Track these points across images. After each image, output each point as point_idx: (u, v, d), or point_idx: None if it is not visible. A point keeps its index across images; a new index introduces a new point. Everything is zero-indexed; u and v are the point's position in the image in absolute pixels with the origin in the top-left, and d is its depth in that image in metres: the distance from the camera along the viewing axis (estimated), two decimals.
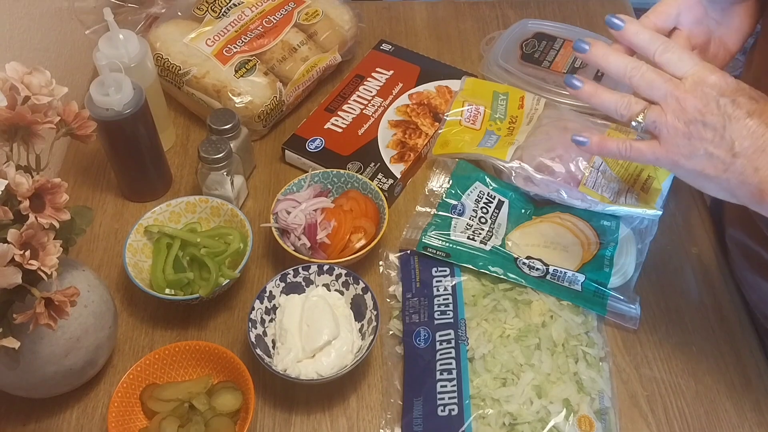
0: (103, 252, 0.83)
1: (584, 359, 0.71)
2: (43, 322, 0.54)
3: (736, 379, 0.73)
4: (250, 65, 0.91)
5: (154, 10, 1.02)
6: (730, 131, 0.54)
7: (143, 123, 0.80)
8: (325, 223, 0.79)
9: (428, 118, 0.93)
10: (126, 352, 0.75)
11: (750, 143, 0.54)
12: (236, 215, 0.79)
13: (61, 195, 0.57)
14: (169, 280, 0.75)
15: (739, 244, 0.78)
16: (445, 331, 0.73)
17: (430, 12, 1.12)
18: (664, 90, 0.57)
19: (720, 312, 0.78)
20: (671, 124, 0.56)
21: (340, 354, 0.70)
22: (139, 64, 0.82)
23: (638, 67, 0.58)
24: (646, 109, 0.57)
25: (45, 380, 0.65)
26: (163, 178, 0.88)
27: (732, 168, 0.55)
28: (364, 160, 0.88)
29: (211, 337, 0.76)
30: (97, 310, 0.67)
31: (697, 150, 0.56)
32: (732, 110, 0.55)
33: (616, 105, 0.59)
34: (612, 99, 0.59)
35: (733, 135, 0.54)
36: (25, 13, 0.86)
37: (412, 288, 0.78)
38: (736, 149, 0.54)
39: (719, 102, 0.55)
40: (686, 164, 0.57)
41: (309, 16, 0.97)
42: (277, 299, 0.74)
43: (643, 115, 0.57)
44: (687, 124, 0.56)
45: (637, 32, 0.59)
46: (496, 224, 0.82)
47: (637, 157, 0.60)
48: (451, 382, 0.69)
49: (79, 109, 0.64)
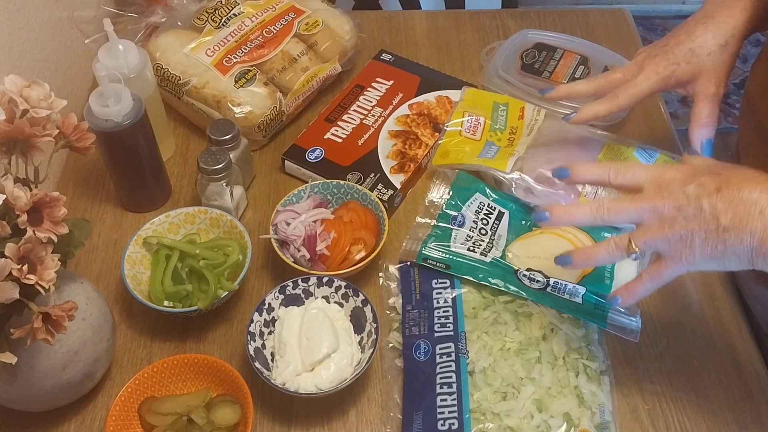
0: (102, 263, 0.83)
1: (585, 372, 0.71)
2: (40, 337, 0.54)
3: (738, 392, 0.73)
4: (250, 75, 0.91)
5: (154, 19, 1.02)
6: (709, 211, 0.55)
7: (143, 134, 0.80)
8: (324, 234, 0.79)
9: (428, 129, 0.93)
10: (124, 365, 0.75)
11: (732, 213, 0.54)
12: (235, 226, 0.79)
13: (60, 209, 0.57)
14: (167, 292, 0.74)
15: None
16: (446, 344, 0.72)
17: (430, 22, 1.12)
18: (636, 211, 0.58)
19: (721, 324, 0.77)
20: (660, 236, 0.57)
21: (339, 367, 0.69)
22: (138, 74, 0.82)
23: (600, 206, 0.60)
24: (632, 238, 0.59)
25: (43, 394, 0.65)
26: (162, 188, 0.88)
27: (729, 241, 0.55)
28: (364, 170, 0.88)
29: (209, 350, 0.76)
30: (95, 323, 0.67)
31: (693, 242, 0.56)
32: (700, 191, 0.56)
33: (607, 253, 0.61)
34: (601, 251, 0.61)
35: (713, 212, 0.55)
36: (25, 23, 0.86)
37: (412, 300, 0.77)
38: (723, 224, 0.55)
39: (686, 191, 0.56)
40: (696, 258, 0.57)
41: (309, 26, 0.97)
42: (276, 311, 0.74)
43: (634, 244, 0.58)
44: (672, 226, 0.57)
45: (585, 172, 0.63)
46: (497, 235, 0.82)
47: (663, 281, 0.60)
48: (451, 395, 0.69)
49: (78, 121, 0.64)
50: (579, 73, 0.98)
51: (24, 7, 0.86)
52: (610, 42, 1.07)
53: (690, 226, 0.56)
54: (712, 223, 0.55)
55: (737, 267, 0.57)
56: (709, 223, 0.55)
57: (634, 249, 0.58)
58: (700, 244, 0.56)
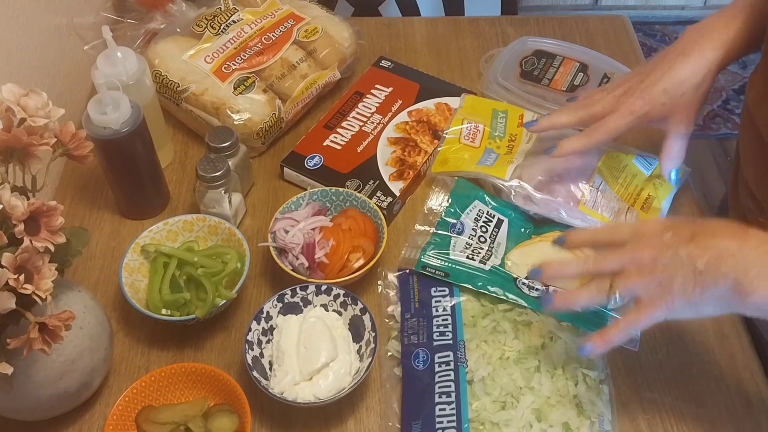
0: (100, 271, 0.82)
1: (584, 382, 0.71)
2: (37, 347, 0.54)
3: (737, 401, 0.72)
4: (249, 82, 0.91)
5: (153, 25, 1.01)
6: (686, 257, 0.58)
7: (141, 141, 0.80)
8: (323, 242, 0.79)
9: (427, 136, 0.93)
10: (122, 373, 0.74)
11: (707, 257, 0.57)
12: (234, 234, 0.79)
13: (57, 218, 0.56)
14: (165, 300, 0.74)
15: None
16: (444, 352, 0.72)
17: (429, 29, 1.11)
18: (618, 260, 0.62)
19: (720, 333, 0.77)
20: (640, 281, 0.60)
21: (338, 376, 0.69)
22: (137, 81, 0.82)
23: (586, 259, 0.66)
24: (613, 283, 0.61)
25: (39, 403, 0.64)
26: (161, 195, 0.88)
27: (705, 285, 0.57)
28: (363, 177, 0.88)
29: (207, 358, 0.75)
30: (92, 331, 0.66)
31: (672, 287, 0.59)
32: (677, 240, 0.59)
33: (589, 297, 0.63)
34: (582, 294, 0.64)
35: (689, 258, 0.58)
36: (24, 30, 0.86)
37: (411, 308, 0.77)
38: (699, 268, 0.57)
39: (663, 240, 0.60)
40: (675, 303, 0.59)
41: (308, 33, 0.97)
42: (274, 320, 0.73)
43: (615, 290, 0.61)
44: (651, 272, 0.59)
45: (576, 239, 0.68)
46: (496, 243, 0.82)
47: (640, 327, 0.62)
48: (450, 405, 0.68)
49: (76, 129, 0.64)
50: (578, 80, 0.98)
51: (23, 14, 0.86)
52: (609, 49, 1.07)
53: (668, 271, 0.59)
54: (689, 268, 0.58)
55: (715, 312, 0.60)
56: (686, 268, 0.58)
57: (614, 293, 0.61)
58: (678, 288, 0.58)
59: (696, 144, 2.14)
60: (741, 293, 0.56)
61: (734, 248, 0.57)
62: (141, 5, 1.03)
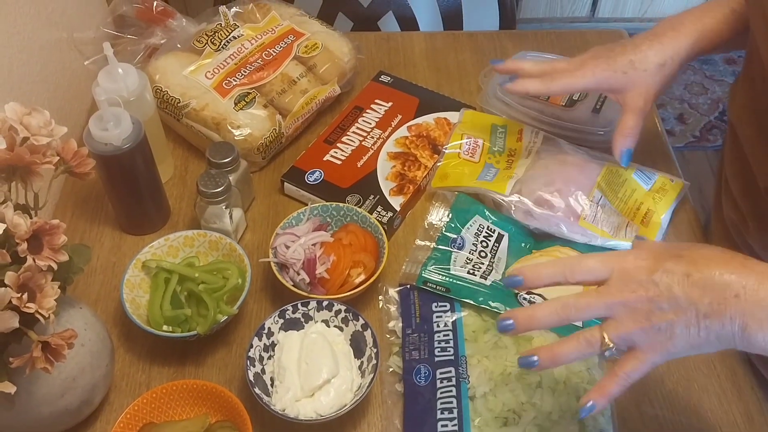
0: (100, 286, 0.82)
1: None
2: (40, 366, 0.54)
3: (739, 417, 0.72)
4: (250, 98, 0.91)
5: (153, 41, 1.02)
6: (685, 299, 0.53)
7: (142, 157, 0.80)
8: (324, 257, 0.79)
9: (427, 150, 0.93)
10: (123, 389, 0.74)
11: (709, 299, 0.52)
12: (234, 249, 0.79)
13: (60, 236, 0.56)
14: (166, 316, 0.74)
15: None
16: (446, 368, 0.72)
17: (428, 43, 1.12)
18: (604, 306, 0.55)
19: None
20: (635, 329, 0.54)
21: (339, 393, 0.69)
22: (138, 97, 0.82)
23: (566, 305, 0.56)
24: (604, 332, 0.55)
25: (40, 421, 0.64)
26: (161, 210, 0.88)
27: (712, 328, 0.53)
28: (363, 192, 0.88)
29: (208, 374, 0.75)
30: (94, 348, 0.66)
31: (674, 332, 0.54)
32: (670, 280, 0.53)
33: (578, 351, 0.57)
34: (570, 347, 0.57)
35: (689, 300, 0.53)
36: (25, 46, 0.87)
37: (412, 323, 0.77)
38: (702, 311, 0.53)
39: (655, 280, 0.54)
40: (678, 348, 0.55)
41: (308, 48, 0.97)
42: (275, 336, 0.73)
43: (607, 339, 0.55)
44: (648, 319, 0.54)
45: (537, 277, 0.58)
46: (496, 258, 0.82)
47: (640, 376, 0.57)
48: (452, 421, 0.68)
49: (77, 146, 0.64)
50: (577, 95, 0.98)
51: (24, 30, 0.86)
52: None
53: (668, 317, 0.53)
54: (691, 312, 0.53)
55: (717, 349, 0.55)
56: (688, 312, 0.53)
57: (608, 344, 0.55)
58: (681, 333, 0.54)
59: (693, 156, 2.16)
60: (748, 336, 0.52)
61: (737, 287, 0.52)
62: (141, 20, 1.03)
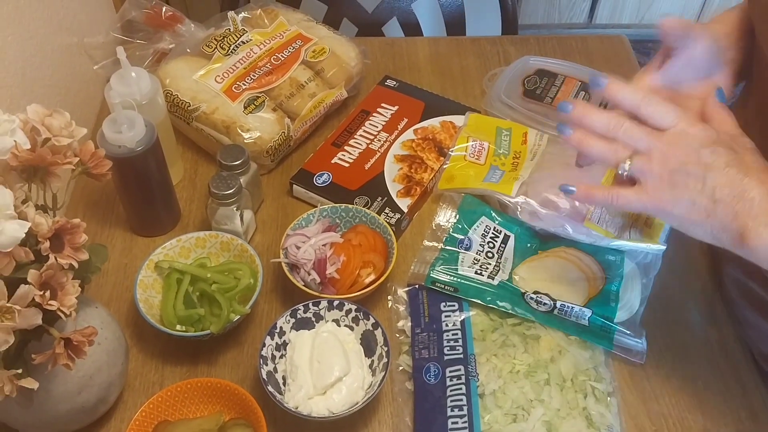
0: (113, 287, 0.83)
1: (593, 394, 0.72)
2: (62, 362, 0.55)
3: (743, 413, 0.74)
4: (259, 102, 0.93)
5: (162, 45, 1.03)
6: (711, 180, 0.58)
7: (154, 159, 0.81)
8: (334, 257, 0.80)
9: (433, 153, 0.94)
10: (136, 388, 0.75)
11: (729, 191, 0.57)
12: (246, 250, 0.80)
13: (80, 235, 0.57)
14: (179, 316, 0.75)
15: (737, 281, 0.79)
16: (455, 366, 0.73)
17: (432, 48, 1.14)
18: (647, 142, 0.60)
19: (724, 346, 0.79)
20: (656, 173, 0.59)
21: (351, 390, 0.70)
22: (150, 101, 0.84)
23: (620, 123, 0.61)
24: (633, 156, 0.60)
25: (57, 418, 0.65)
26: (172, 212, 0.89)
27: (714, 214, 0.58)
28: (371, 194, 0.89)
29: (221, 373, 0.76)
30: (110, 347, 0.67)
31: (681, 197, 0.59)
32: (712, 160, 0.58)
33: (602, 151, 0.62)
34: (599, 145, 0.62)
35: (713, 183, 0.58)
36: (38, 50, 0.88)
37: (421, 323, 0.78)
38: (717, 196, 0.57)
39: (700, 153, 0.58)
40: (672, 210, 0.60)
41: (316, 53, 0.99)
42: (287, 335, 0.74)
43: (630, 162, 0.60)
44: (671, 174, 0.59)
45: (619, 89, 0.62)
46: (503, 258, 0.83)
47: (624, 204, 0.62)
48: (462, 418, 0.69)
49: (94, 148, 0.65)
50: (581, 97, 1.00)
51: (36, 35, 0.88)
52: (608, 67, 1.09)
53: (687, 182, 0.58)
54: (707, 191, 0.57)
55: (703, 237, 0.60)
56: (704, 191, 0.58)
57: (626, 166, 0.60)
58: (686, 201, 0.58)
59: None
60: (742, 235, 0.57)
61: (756, 194, 0.57)
62: (149, 25, 1.04)
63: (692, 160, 0.58)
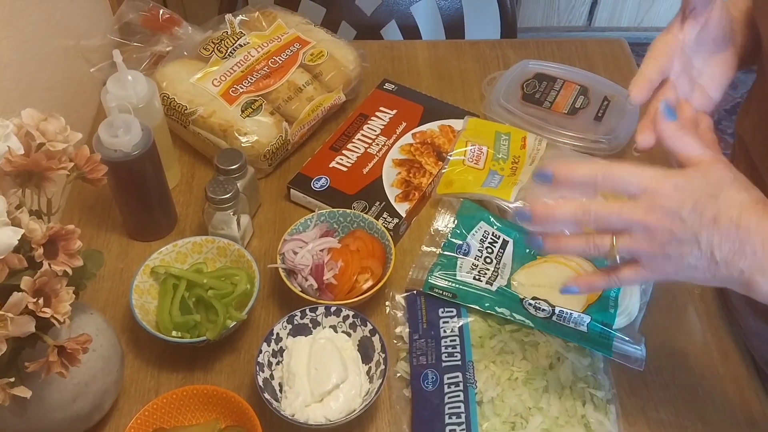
0: (108, 292, 0.83)
1: (592, 402, 0.72)
2: (56, 370, 0.54)
3: (742, 420, 0.73)
4: (256, 105, 0.92)
5: (159, 48, 1.03)
6: (705, 242, 0.54)
7: (151, 163, 0.80)
8: (332, 263, 0.79)
9: (432, 157, 0.94)
10: (132, 395, 0.74)
11: (728, 247, 0.54)
12: (243, 255, 0.79)
13: (75, 241, 0.57)
14: (175, 322, 0.74)
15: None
16: (453, 373, 0.73)
17: (431, 52, 1.13)
18: (623, 222, 0.55)
19: (724, 353, 0.78)
20: (647, 251, 0.56)
21: (348, 397, 0.69)
22: (147, 104, 0.83)
23: (587, 211, 0.56)
24: (616, 240, 0.56)
25: (51, 426, 0.64)
26: (168, 217, 0.88)
27: (719, 272, 0.55)
28: (369, 198, 0.89)
29: (217, 380, 0.76)
30: (105, 354, 0.67)
31: (681, 265, 0.55)
32: (697, 220, 0.54)
33: (583, 250, 0.58)
34: (576, 245, 0.58)
35: (708, 244, 0.54)
36: (34, 54, 0.87)
37: (419, 329, 0.78)
38: (717, 258, 0.54)
39: (682, 216, 0.54)
40: (677, 277, 0.57)
41: (314, 56, 0.98)
42: (284, 341, 0.74)
43: (616, 250, 0.56)
44: (662, 247, 0.55)
45: (567, 174, 0.57)
46: (501, 264, 0.83)
47: (627, 284, 0.59)
48: (460, 426, 0.69)
49: (90, 153, 0.65)
50: (579, 103, 1.00)
51: (33, 38, 0.87)
52: (608, 71, 1.09)
53: (683, 251, 0.54)
54: (706, 255, 0.54)
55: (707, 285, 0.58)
56: (703, 254, 0.54)
57: (615, 255, 0.56)
58: (688, 267, 0.55)
59: None
60: (751, 286, 0.55)
61: (757, 244, 0.53)
62: (147, 28, 1.04)
63: (677, 228, 0.54)
